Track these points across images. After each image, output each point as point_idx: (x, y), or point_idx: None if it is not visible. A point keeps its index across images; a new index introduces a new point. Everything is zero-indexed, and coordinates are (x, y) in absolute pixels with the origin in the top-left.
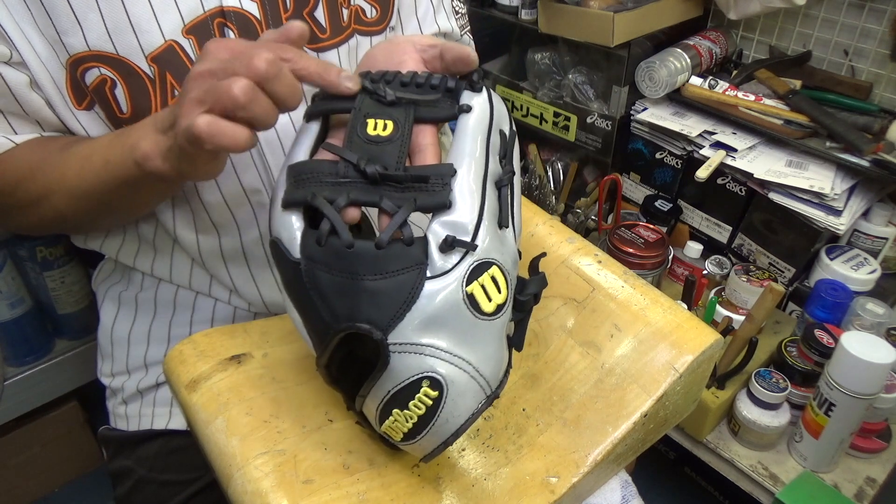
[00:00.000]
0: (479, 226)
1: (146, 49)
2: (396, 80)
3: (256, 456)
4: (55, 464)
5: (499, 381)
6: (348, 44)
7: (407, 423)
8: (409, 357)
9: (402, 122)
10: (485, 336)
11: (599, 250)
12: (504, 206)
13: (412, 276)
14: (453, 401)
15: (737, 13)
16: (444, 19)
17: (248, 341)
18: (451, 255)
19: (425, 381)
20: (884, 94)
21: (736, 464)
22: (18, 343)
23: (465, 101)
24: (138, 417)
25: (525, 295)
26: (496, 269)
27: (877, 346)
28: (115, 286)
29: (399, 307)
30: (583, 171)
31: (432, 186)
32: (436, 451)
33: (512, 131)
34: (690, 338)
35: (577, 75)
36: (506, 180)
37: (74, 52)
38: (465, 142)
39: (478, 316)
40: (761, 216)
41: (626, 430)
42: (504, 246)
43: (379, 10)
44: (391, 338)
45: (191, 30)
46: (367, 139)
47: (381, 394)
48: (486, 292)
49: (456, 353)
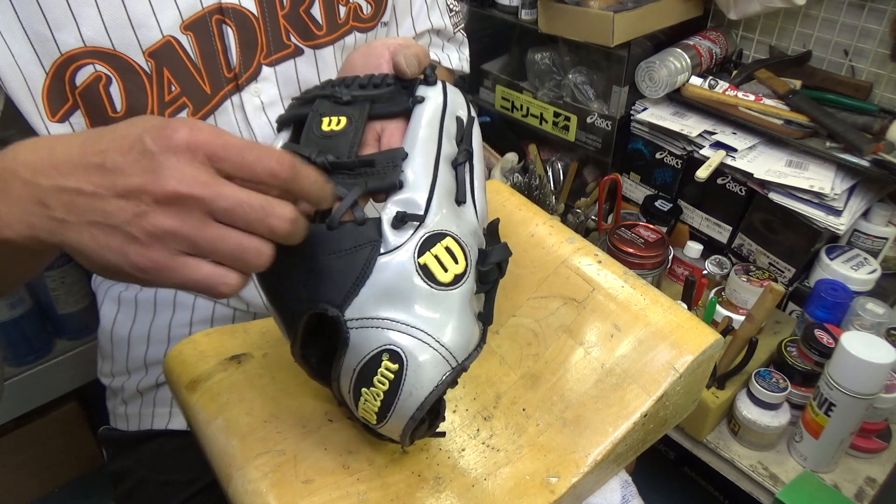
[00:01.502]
0: (431, 200)
1: (144, 44)
2: (356, 83)
3: (256, 456)
4: (55, 464)
5: (467, 353)
6: (344, 41)
7: (375, 401)
8: (368, 331)
9: (357, 117)
10: (444, 306)
11: (599, 250)
12: (461, 184)
13: (364, 252)
14: (414, 372)
15: (737, 13)
16: (437, 16)
17: (248, 341)
18: (404, 231)
19: (385, 353)
20: (884, 94)
21: (736, 464)
22: (18, 343)
23: (422, 93)
24: (138, 417)
25: (486, 265)
26: (451, 240)
27: (877, 346)
28: (115, 286)
29: (353, 283)
30: (583, 171)
31: (382, 169)
32: (408, 429)
33: (470, 117)
34: (690, 338)
35: (577, 75)
36: (461, 158)
37: (67, 48)
38: (417, 128)
39: (433, 286)
40: (761, 216)
41: (626, 430)
42: (461, 220)
43: (373, 5)
44: (348, 313)
45: (189, 25)
46: (322, 135)
47: (349, 374)
48: (440, 263)
49: (413, 325)
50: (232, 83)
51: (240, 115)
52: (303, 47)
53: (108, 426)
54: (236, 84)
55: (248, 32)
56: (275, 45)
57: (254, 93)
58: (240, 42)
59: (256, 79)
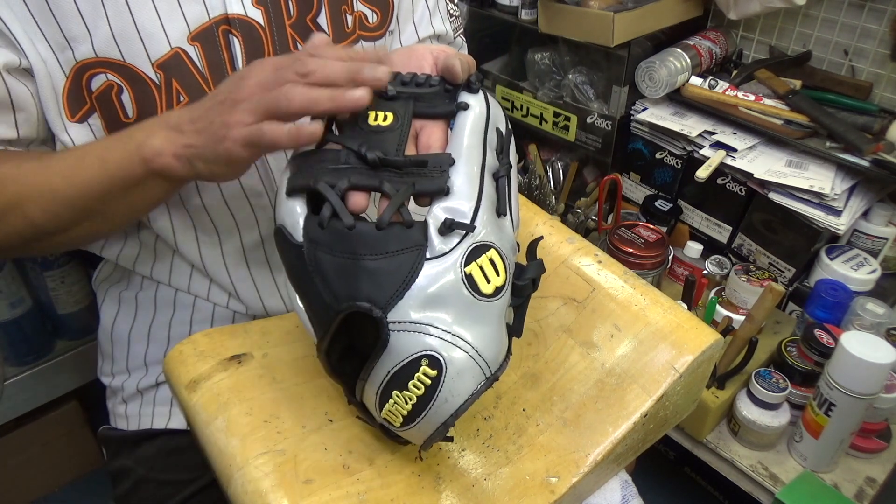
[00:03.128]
0: (478, 211)
1: (153, 56)
2: (398, 79)
3: (256, 456)
4: (55, 464)
5: (499, 363)
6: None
7: (406, 404)
8: (409, 336)
9: (402, 113)
10: (484, 317)
11: (599, 250)
12: (501, 196)
13: (411, 256)
14: (452, 380)
15: (737, 13)
16: (438, 22)
17: (248, 341)
18: (450, 238)
19: (424, 359)
20: (884, 94)
21: (736, 464)
22: (18, 343)
23: (464, 100)
24: (138, 417)
25: (523, 280)
26: (494, 252)
27: (877, 346)
28: (115, 286)
29: (398, 286)
30: (583, 171)
31: (431, 172)
32: (435, 435)
33: (508, 130)
34: (690, 338)
35: (577, 75)
36: (503, 171)
37: (82, 57)
38: (463, 135)
39: (476, 297)
40: (761, 216)
41: (626, 430)
42: (502, 232)
43: (379, 14)
44: (390, 316)
45: (196, 37)
46: (369, 129)
47: (381, 375)
48: (484, 274)
49: (455, 333)
50: None
51: None
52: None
53: (108, 426)
54: None
55: (254, 42)
56: (281, 54)
57: None
58: (246, 52)
59: None
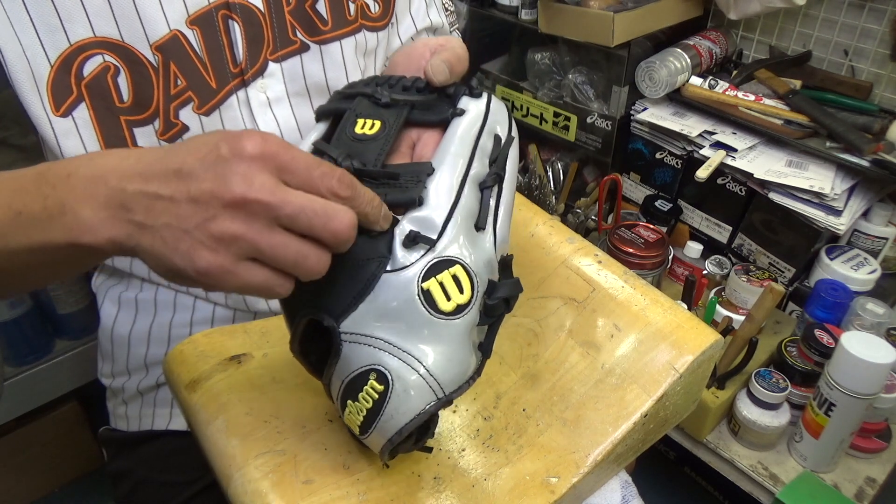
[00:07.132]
0: (448, 224)
1: (151, 37)
2: (399, 84)
3: (256, 456)
4: (55, 464)
5: (456, 385)
6: (355, 38)
7: (359, 415)
8: (360, 348)
9: (391, 122)
10: (441, 336)
11: (599, 250)
12: (483, 209)
13: (371, 267)
14: (398, 397)
15: (737, 13)
16: (435, 14)
17: (248, 341)
18: (413, 251)
19: (372, 373)
20: (884, 94)
21: (736, 464)
22: (18, 343)
23: (463, 105)
24: (138, 418)
25: (493, 299)
26: (459, 269)
27: (877, 346)
28: (115, 287)
29: (353, 297)
30: (583, 171)
31: (404, 183)
32: (385, 450)
33: (510, 136)
34: (690, 338)
35: (577, 75)
36: (489, 182)
37: (78, 38)
38: (450, 143)
39: (433, 314)
40: (761, 216)
41: (626, 431)
42: (476, 247)
43: (381, 5)
44: (343, 327)
45: (195, 20)
46: (353, 137)
47: (338, 384)
48: (444, 291)
49: (405, 350)
50: (238, 78)
51: (245, 110)
52: (308, 43)
53: (108, 426)
54: (242, 79)
55: (254, 28)
56: (280, 40)
57: (260, 88)
58: (246, 37)
59: (262, 74)
